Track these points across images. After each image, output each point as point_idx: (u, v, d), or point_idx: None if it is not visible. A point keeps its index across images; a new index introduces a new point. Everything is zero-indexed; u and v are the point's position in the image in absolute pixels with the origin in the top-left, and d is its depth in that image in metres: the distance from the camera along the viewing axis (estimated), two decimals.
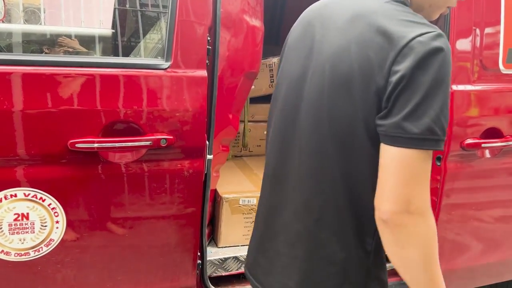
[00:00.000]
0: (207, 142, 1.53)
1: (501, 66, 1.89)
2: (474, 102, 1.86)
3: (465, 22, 1.78)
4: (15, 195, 1.34)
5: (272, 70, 2.40)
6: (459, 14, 1.76)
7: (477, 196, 2.03)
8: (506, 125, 1.94)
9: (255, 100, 2.40)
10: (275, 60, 2.41)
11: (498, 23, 1.85)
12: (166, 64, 1.43)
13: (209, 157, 1.55)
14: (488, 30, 1.84)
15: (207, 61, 1.49)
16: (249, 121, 2.42)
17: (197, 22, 1.45)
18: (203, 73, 1.47)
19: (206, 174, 1.56)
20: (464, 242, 2.08)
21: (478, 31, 1.81)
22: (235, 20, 1.57)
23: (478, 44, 1.82)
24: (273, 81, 2.42)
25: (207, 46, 1.48)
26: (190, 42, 1.45)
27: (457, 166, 1.88)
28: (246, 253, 1.89)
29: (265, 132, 2.57)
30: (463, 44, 1.79)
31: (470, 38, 1.80)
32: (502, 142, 1.93)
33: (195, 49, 1.46)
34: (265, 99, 2.46)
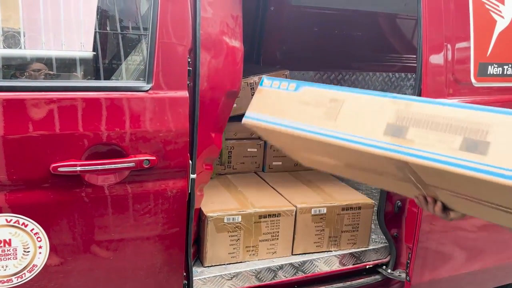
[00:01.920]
0: (190, 162, 1.55)
1: (473, 80, 1.96)
2: None
3: (436, 37, 1.85)
4: None
5: (253, 88, 2.44)
6: (430, 30, 1.83)
7: None
8: None
9: (238, 118, 2.42)
10: (255, 78, 2.45)
11: (468, 38, 1.93)
12: (147, 86, 1.44)
13: (193, 176, 1.56)
14: (459, 45, 1.91)
15: (188, 82, 1.51)
16: (232, 139, 2.44)
17: (178, 43, 1.48)
18: (185, 93, 1.49)
19: (190, 194, 1.57)
20: (446, 252, 2.12)
21: (449, 46, 1.88)
22: (215, 41, 1.60)
23: (450, 58, 1.89)
24: None
25: (188, 67, 1.50)
26: (171, 64, 1.47)
27: None
28: (232, 271, 1.90)
29: (248, 149, 2.60)
30: (436, 59, 1.86)
31: (442, 53, 1.87)
32: None
33: (176, 71, 1.48)
34: None
